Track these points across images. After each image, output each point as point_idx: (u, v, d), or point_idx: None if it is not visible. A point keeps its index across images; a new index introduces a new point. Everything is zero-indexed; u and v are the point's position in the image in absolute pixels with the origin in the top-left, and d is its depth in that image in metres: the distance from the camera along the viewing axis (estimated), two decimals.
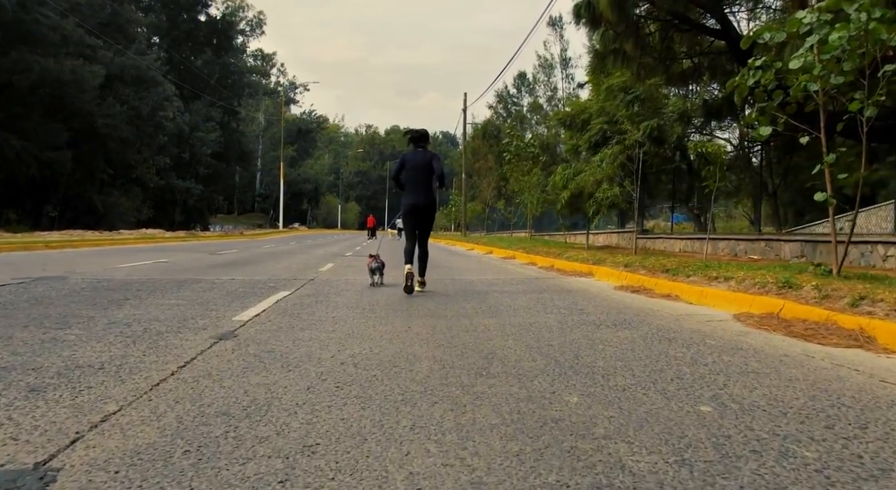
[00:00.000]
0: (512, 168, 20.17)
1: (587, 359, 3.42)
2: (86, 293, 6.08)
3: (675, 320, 4.89)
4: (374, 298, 6.18)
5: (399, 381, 2.89)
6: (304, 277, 8.43)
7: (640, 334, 4.23)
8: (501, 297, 6.40)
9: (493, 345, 3.80)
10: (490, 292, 6.91)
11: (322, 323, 4.56)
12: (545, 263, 11.79)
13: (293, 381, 2.85)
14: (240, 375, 2.93)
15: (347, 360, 3.30)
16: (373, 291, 6.84)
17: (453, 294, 6.69)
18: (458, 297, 6.36)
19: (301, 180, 74.83)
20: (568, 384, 2.86)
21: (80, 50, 33.83)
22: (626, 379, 2.97)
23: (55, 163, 32.00)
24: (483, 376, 2.99)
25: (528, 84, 51.94)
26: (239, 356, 3.35)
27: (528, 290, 7.30)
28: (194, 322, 4.45)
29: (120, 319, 4.50)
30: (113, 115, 36.13)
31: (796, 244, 13.13)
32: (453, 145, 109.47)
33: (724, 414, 2.39)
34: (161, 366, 3.08)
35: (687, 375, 3.05)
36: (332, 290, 6.84)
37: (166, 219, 48.22)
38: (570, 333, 4.23)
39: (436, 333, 4.18)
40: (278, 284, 7.39)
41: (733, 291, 5.56)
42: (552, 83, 50.44)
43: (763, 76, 6.18)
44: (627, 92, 16.56)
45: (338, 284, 7.56)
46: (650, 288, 6.94)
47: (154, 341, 3.70)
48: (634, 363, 3.32)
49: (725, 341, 3.98)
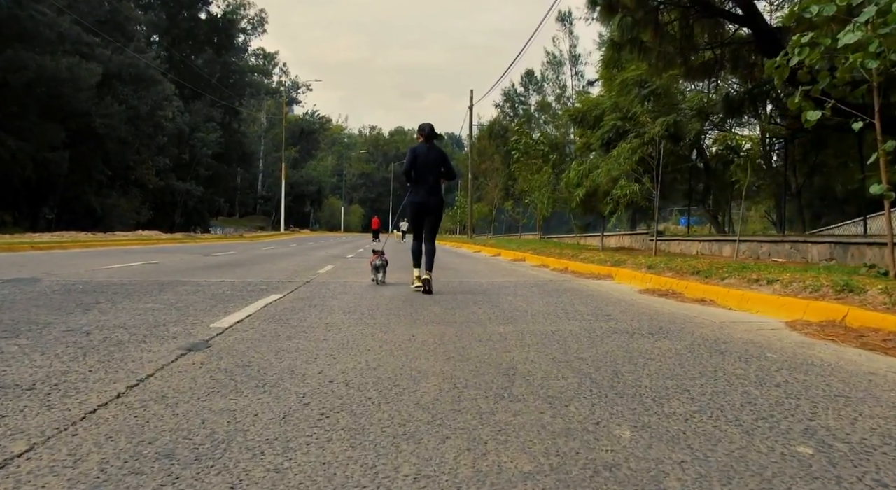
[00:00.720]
0: (520, 167, 19.60)
1: (629, 376, 2.86)
2: (55, 296, 5.56)
3: (720, 328, 4.31)
4: (374, 302, 5.63)
5: (400, 405, 2.33)
6: (299, 280, 7.89)
7: (683, 345, 3.66)
8: (515, 302, 5.84)
9: (513, 358, 3.24)
10: (502, 296, 6.35)
11: (313, 330, 4.01)
12: (558, 265, 11.22)
13: (267, 405, 2.30)
14: (201, 398, 2.38)
15: (338, 378, 2.75)
16: (373, 294, 6.29)
17: (462, 298, 6.13)
18: (468, 302, 5.80)
19: (304, 182, 74.40)
20: (613, 411, 2.29)
21: (78, 48, 33.52)
22: (685, 404, 2.40)
23: (52, 163, 31.64)
24: (505, 399, 2.44)
25: (536, 82, 51.34)
26: (206, 372, 2.80)
27: (544, 293, 6.74)
28: (165, 329, 3.91)
29: (80, 326, 3.96)
30: (111, 114, 35.79)
31: (825, 246, 12.51)
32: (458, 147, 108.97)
33: (833, 459, 1.82)
34: (106, 386, 2.53)
35: (759, 400, 2.48)
36: (328, 293, 6.29)
37: (166, 221, 47.83)
38: (602, 344, 3.67)
39: (444, 343, 3.63)
40: (270, 287, 6.85)
41: (780, 295, 4.98)
42: (561, 80, 49.80)
43: (809, 55, 5.60)
44: (643, 86, 15.97)
45: (335, 287, 7.01)
46: (679, 291, 6.37)
47: (109, 354, 3.15)
48: (688, 382, 2.75)
49: (788, 355, 3.41)
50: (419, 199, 6.74)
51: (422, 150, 6.78)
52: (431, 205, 6.77)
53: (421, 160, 6.71)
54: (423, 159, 6.72)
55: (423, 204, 6.75)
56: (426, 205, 6.76)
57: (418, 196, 6.73)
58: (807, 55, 5.62)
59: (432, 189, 6.75)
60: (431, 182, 6.74)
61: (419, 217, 6.84)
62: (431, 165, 6.73)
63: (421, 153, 6.75)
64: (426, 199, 6.73)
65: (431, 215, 6.84)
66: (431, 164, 6.73)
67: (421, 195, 6.73)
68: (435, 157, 6.77)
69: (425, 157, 6.73)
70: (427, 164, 6.71)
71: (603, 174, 11.08)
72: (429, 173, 6.72)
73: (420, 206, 6.77)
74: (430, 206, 6.77)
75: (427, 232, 6.87)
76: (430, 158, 6.74)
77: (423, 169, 6.71)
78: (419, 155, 6.74)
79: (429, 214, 6.82)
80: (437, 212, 6.89)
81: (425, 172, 6.71)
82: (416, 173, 6.73)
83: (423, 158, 6.72)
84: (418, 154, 6.75)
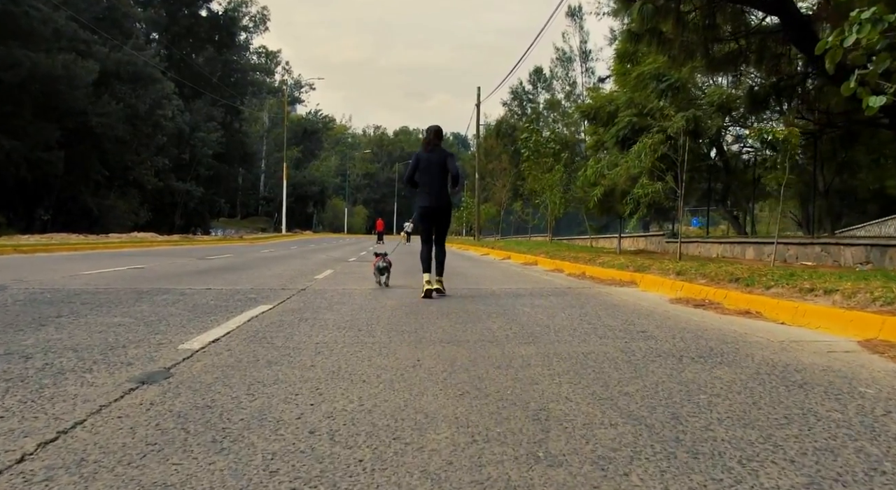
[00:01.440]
0: (530, 165, 18.98)
1: (694, 422, 2.25)
2: (13, 308, 4.99)
3: (783, 350, 3.70)
4: (374, 313, 5.04)
5: (400, 473, 1.74)
6: (293, 287, 7.31)
7: (748, 374, 3.05)
8: (534, 314, 5.23)
9: (543, 393, 2.64)
10: (518, 306, 5.75)
11: (300, 353, 3.42)
12: (574, 270, 10.60)
13: (219, 476, 1.71)
14: (131, 464, 1.79)
15: (321, 426, 2.16)
16: (374, 304, 5.71)
17: (473, 309, 5.53)
18: (480, 314, 5.20)
19: (306, 183, 73.92)
20: (691, 484, 1.69)
21: (74, 45, 33.15)
22: (786, 472, 1.79)
23: (46, 164, 31.25)
24: (541, 462, 1.84)
25: (545, 79, 50.57)
26: (153, 418, 2.22)
27: (566, 304, 6.13)
28: (122, 353, 3.33)
29: (22, 349, 3.38)
30: (108, 113, 35.38)
31: (859, 249, 11.85)
32: (464, 147, 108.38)
33: None
34: (11, 442, 1.94)
35: (884, 463, 1.87)
36: (323, 304, 5.70)
37: (166, 223, 47.38)
38: (647, 373, 3.06)
39: (456, 371, 3.03)
40: (260, 296, 6.28)
41: (844, 309, 4.36)
42: (571, 77, 48.92)
43: (869, 33, 4.97)
44: (661, 80, 15.34)
45: (332, 296, 6.42)
46: (717, 301, 5.75)
47: (39, 389, 2.57)
48: (776, 433, 2.14)
49: (887, 390, 2.79)
50: (426, 202, 6.66)
51: (425, 155, 6.72)
52: (439, 208, 6.69)
53: (424, 163, 6.67)
54: (425, 162, 6.67)
55: (430, 207, 6.68)
56: (434, 208, 6.68)
57: (425, 200, 6.66)
58: (867, 33, 4.99)
59: (439, 191, 6.66)
60: (437, 184, 6.65)
61: (427, 221, 6.76)
62: (435, 167, 6.64)
63: (423, 157, 6.71)
64: (432, 202, 6.65)
65: (440, 218, 6.76)
66: (435, 165, 6.64)
67: (428, 199, 6.65)
68: (438, 158, 6.68)
69: (428, 159, 6.67)
70: (431, 167, 6.64)
71: (622, 172, 10.42)
72: (434, 175, 6.64)
73: (427, 209, 6.69)
74: (437, 210, 6.69)
75: (436, 236, 6.79)
76: (433, 160, 6.66)
77: (426, 172, 6.65)
78: (421, 159, 6.71)
79: (437, 218, 6.74)
80: (446, 215, 6.83)
81: (431, 175, 6.64)
82: (421, 177, 6.69)
83: (426, 161, 6.67)
84: (421, 158, 6.72)
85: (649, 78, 15.55)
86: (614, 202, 13.39)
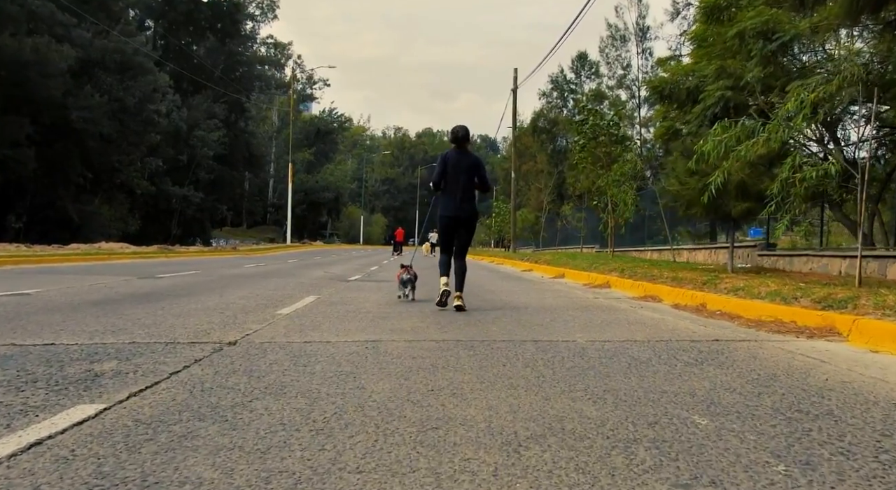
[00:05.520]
0: (586, 156, 15.96)
1: None
2: None
3: None
4: (345, 419, 2.09)
5: None
6: (222, 337, 4.42)
7: None
8: (721, 434, 2.23)
9: None
10: (650, 400, 2.75)
11: None
12: (683, 299, 7.54)
13: None
14: None
15: None
16: (352, 384, 2.77)
17: (557, 409, 2.54)
18: (591, 423, 2.21)
19: (319, 188, 71.68)
20: None
21: (51, 28, 31.20)
22: None
23: (14, 162, 29.16)
24: None
25: (591, 65, 47.12)
26: None
27: (744, 402, 3.10)
28: None
29: None
30: (91, 107, 33.40)
31: None
32: (493, 150, 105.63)
33: None
34: None
35: None
36: (225, 401, 2.77)
37: (161, 231, 45.29)
38: None
39: None
40: (129, 365, 3.39)
41: None
42: (625, 58, 44.92)
43: None
44: (769, 38, 12.27)
45: (274, 363, 3.50)
46: None
47: None
48: None
49: None
50: (450, 211, 6.57)
51: (452, 156, 6.61)
52: (463, 217, 6.60)
53: (451, 167, 6.54)
54: (453, 166, 6.54)
55: (454, 217, 6.58)
56: (457, 217, 6.58)
57: (449, 208, 6.57)
58: None
59: (465, 199, 6.56)
60: (464, 191, 6.55)
61: (449, 231, 6.67)
62: (463, 172, 6.54)
63: (451, 159, 6.58)
64: (458, 211, 6.56)
65: (463, 229, 6.66)
66: (463, 170, 6.55)
67: (452, 207, 6.55)
68: (468, 163, 6.62)
69: (456, 163, 6.56)
70: (458, 172, 6.53)
71: (761, 144, 7.30)
72: (461, 182, 6.53)
73: (451, 219, 6.60)
74: (461, 219, 6.60)
75: (458, 248, 6.71)
76: (463, 165, 6.57)
77: (454, 177, 6.53)
78: (449, 161, 6.57)
79: (460, 228, 6.64)
80: (470, 225, 6.73)
81: (457, 180, 6.53)
82: (447, 182, 6.55)
83: (454, 165, 6.55)
84: (448, 160, 6.58)
85: (753, 36, 12.45)
86: (728, 198, 10.30)
